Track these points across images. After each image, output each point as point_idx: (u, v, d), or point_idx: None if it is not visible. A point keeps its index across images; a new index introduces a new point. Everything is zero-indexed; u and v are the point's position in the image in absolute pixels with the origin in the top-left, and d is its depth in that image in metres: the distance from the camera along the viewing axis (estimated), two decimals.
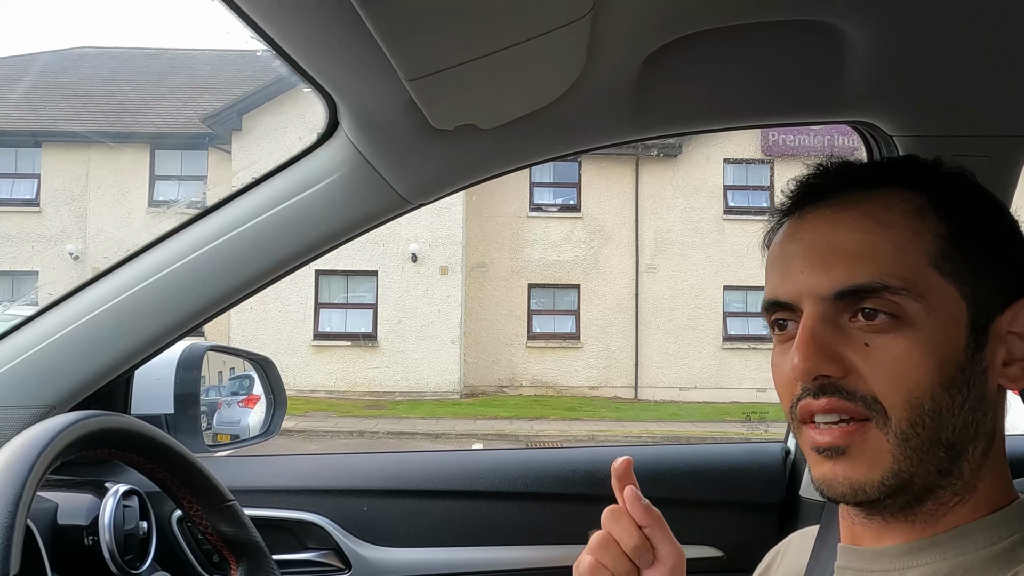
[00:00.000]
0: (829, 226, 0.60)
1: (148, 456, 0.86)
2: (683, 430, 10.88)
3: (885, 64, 0.93)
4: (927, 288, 0.56)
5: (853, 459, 0.57)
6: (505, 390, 13.93)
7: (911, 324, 0.56)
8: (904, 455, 0.56)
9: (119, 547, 0.96)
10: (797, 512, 1.24)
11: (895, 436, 0.56)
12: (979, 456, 0.59)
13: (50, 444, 0.66)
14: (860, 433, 0.57)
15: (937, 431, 0.56)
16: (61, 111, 14.39)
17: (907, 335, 0.56)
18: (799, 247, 0.61)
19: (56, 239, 13.96)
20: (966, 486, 0.59)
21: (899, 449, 0.56)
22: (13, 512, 0.59)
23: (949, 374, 0.56)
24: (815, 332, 0.57)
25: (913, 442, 0.56)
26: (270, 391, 1.53)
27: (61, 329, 1.10)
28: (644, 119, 1.03)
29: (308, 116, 11.60)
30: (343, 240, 1.12)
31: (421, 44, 0.69)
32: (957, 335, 0.57)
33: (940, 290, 0.57)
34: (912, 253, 0.57)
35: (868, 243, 0.57)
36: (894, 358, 0.56)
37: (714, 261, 14.13)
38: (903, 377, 0.56)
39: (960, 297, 0.57)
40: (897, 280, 0.56)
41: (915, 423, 0.56)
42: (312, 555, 1.22)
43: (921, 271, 0.57)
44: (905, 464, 0.56)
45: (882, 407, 0.56)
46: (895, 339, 0.56)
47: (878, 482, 0.57)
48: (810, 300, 0.59)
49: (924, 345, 0.56)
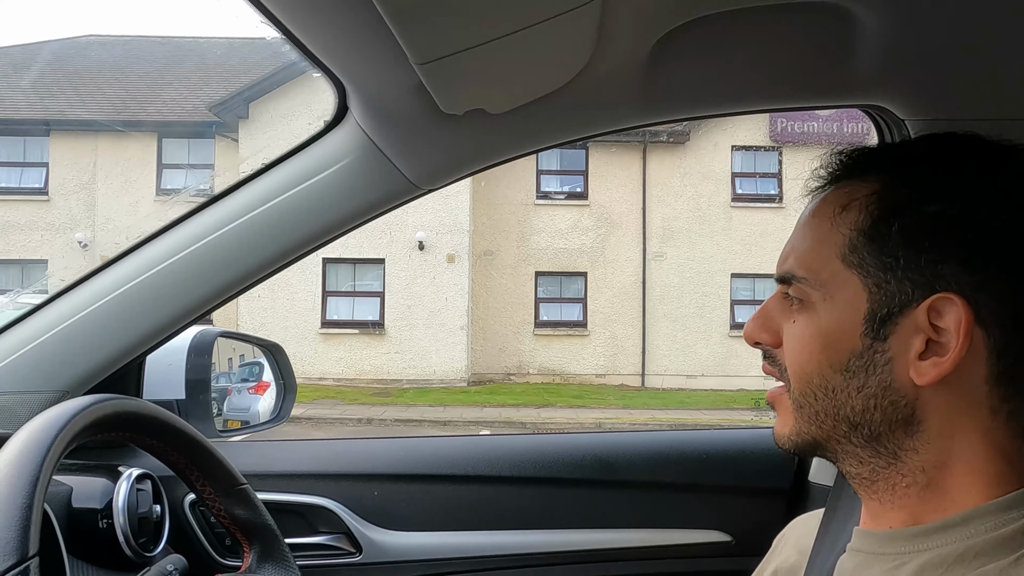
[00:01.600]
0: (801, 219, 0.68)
1: (162, 440, 0.86)
2: (690, 417, 10.89)
3: (896, 47, 0.92)
4: (830, 278, 0.62)
5: (779, 416, 0.68)
6: (512, 378, 13.96)
7: (812, 309, 0.63)
8: (802, 418, 0.64)
9: (133, 530, 0.97)
10: (806, 497, 1.25)
11: (793, 402, 0.65)
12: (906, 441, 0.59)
13: (66, 426, 0.67)
14: (780, 395, 0.67)
15: (833, 406, 0.62)
16: (69, 100, 14.40)
17: (807, 318, 0.63)
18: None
19: (65, 227, 14.02)
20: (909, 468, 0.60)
21: (797, 413, 0.65)
22: (31, 493, 0.59)
23: (839, 358, 0.61)
24: (765, 306, 0.68)
25: (806, 410, 0.64)
26: (280, 377, 1.54)
27: (73, 315, 1.10)
28: (654, 103, 1.02)
29: (315, 104, 11.60)
30: (352, 226, 1.13)
31: (431, 27, 0.69)
32: (852, 322, 0.60)
33: (842, 280, 0.61)
34: (825, 245, 0.63)
35: (800, 236, 0.66)
36: (795, 336, 0.64)
37: (722, 249, 14.09)
38: (796, 353, 0.64)
39: (862, 288, 0.60)
40: (804, 271, 0.63)
41: (805, 393, 0.63)
42: (323, 539, 1.23)
43: (827, 262, 0.62)
44: (805, 427, 0.64)
45: (787, 376, 0.65)
46: (801, 320, 0.64)
47: (787, 436, 0.66)
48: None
49: (816, 328, 0.62)
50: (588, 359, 14.14)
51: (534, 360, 14.14)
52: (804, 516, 0.80)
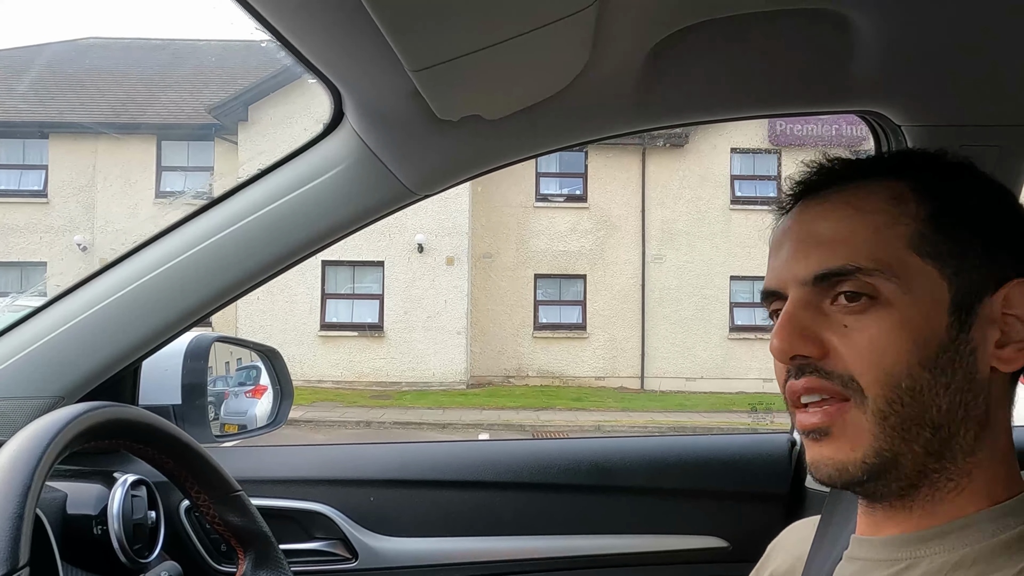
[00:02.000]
0: (812, 216, 0.62)
1: (156, 447, 0.86)
2: (689, 420, 10.87)
3: (893, 53, 0.92)
4: (903, 269, 0.57)
5: (836, 439, 0.58)
6: (511, 380, 13.95)
7: (887, 304, 0.57)
8: (884, 433, 0.57)
9: (128, 537, 0.97)
10: (803, 502, 1.25)
11: (873, 415, 0.57)
12: (971, 440, 0.58)
13: (59, 434, 0.67)
14: (840, 413, 0.58)
15: (920, 411, 0.57)
16: (68, 102, 14.40)
17: (883, 315, 0.57)
18: (787, 238, 0.63)
19: (64, 230, 14.01)
20: (960, 471, 0.59)
21: (878, 427, 0.57)
22: (22, 503, 0.59)
23: (928, 353, 0.57)
24: (794, 314, 0.60)
25: (892, 420, 0.57)
26: (277, 382, 1.53)
27: (69, 320, 1.10)
28: (651, 109, 1.02)
29: (314, 107, 11.60)
30: (348, 231, 1.12)
31: (426, 34, 0.69)
32: (937, 315, 0.57)
33: (918, 271, 0.58)
34: (888, 236, 0.58)
35: (845, 228, 0.59)
36: (869, 337, 0.57)
37: (721, 251, 14.09)
38: (878, 355, 0.57)
39: (941, 278, 0.58)
40: (871, 262, 0.57)
41: (892, 401, 0.56)
42: (319, 545, 1.23)
43: (897, 252, 0.58)
44: (886, 443, 0.57)
45: (859, 386, 0.57)
46: (871, 319, 0.57)
47: (860, 461, 0.57)
48: (793, 286, 0.61)
49: (900, 324, 0.57)
50: (587, 361, 14.13)
51: (533, 362, 14.13)
52: (798, 523, 0.80)
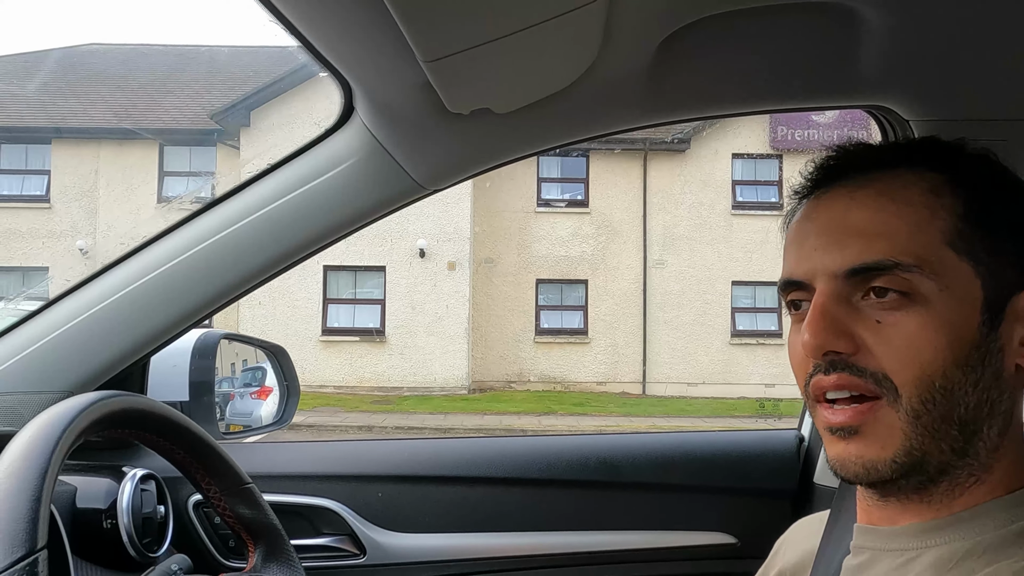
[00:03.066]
0: (844, 205, 0.60)
1: (168, 437, 0.86)
2: (691, 425, 10.86)
3: (901, 47, 0.92)
4: (941, 266, 0.56)
5: (866, 438, 0.57)
6: (513, 385, 13.94)
7: (923, 301, 0.56)
8: (916, 433, 0.56)
9: (137, 530, 0.97)
10: (811, 499, 1.24)
11: (906, 414, 0.56)
12: (995, 436, 0.58)
13: (74, 421, 0.67)
14: (872, 412, 0.57)
15: (950, 408, 0.56)
16: (71, 108, 14.44)
17: (919, 312, 0.56)
18: (814, 226, 0.61)
19: (66, 235, 14.03)
20: (982, 466, 0.59)
21: (911, 427, 0.56)
22: (40, 485, 0.59)
23: (962, 352, 0.56)
24: (826, 308, 0.58)
25: (924, 419, 0.56)
26: (283, 379, 1.54)
27: (78, 316, 1.10)
28: (659, 104, 1.02)
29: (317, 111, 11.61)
30: (358, 226, 1.12)
31: (439, 24, 0.69)
32: (971, 313, 0.57)
33: (954, 268, 0.57)
34: (927, 231, 0.57)
35: (882, 221, 0.58)
36: (906, 335, 0.56)
37: (722, 256, 14.09)
38: (914, 353, 0.56)
39: (975, 276, 0.57)
40: (910, 257, 0.56)
41: (926, 400, 0.56)
42: (327, 540, 1.23)
43: (935, 249, 0.57)
44: (917, 442, 0.56)
45: (892, 384, 0.56)
46: (907, 316, 0.56)
47: (890, 460, 0.57)
48: (823, 278, 0.59)
49: (936, 322, 0.56)
50: (589, 367, 14.12)
51: (535, 368, 14.12)
52: (806, 519, 0.80)
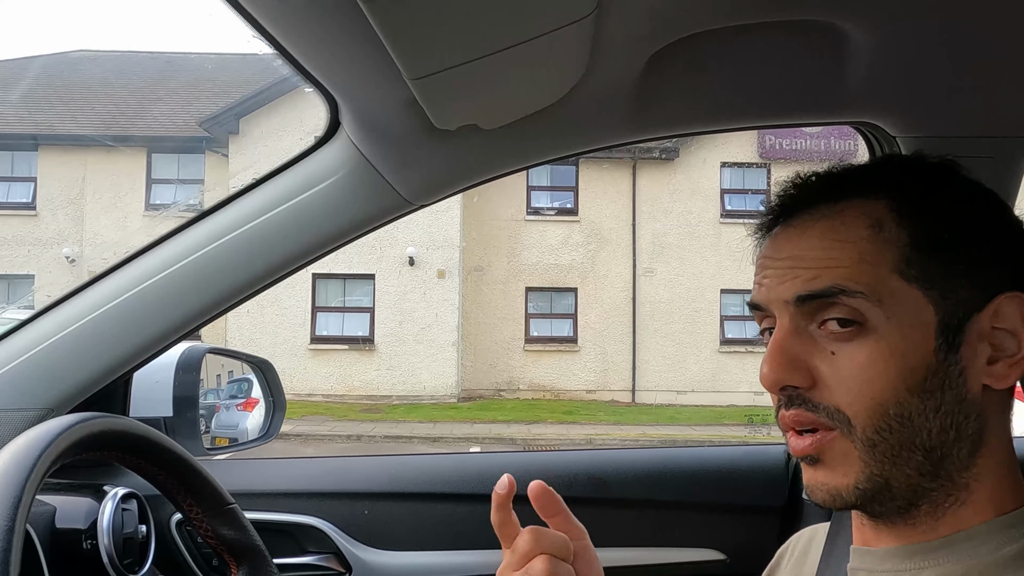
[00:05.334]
0: (794, 243, 0.62)
1: (148, 459, 0.85)
2: (681, 433, 10.87)
3: (888, 65, 0.93)
4: (887, 293, 0.57)
5: (828, 466, 0.58)
6: (502, 393, 13.91)
7: (872, 330, 0.56)
8: (874, 460, 0.57)
9: (118, 551, 0.95)
10: (800, 515, 1.24)
11: (861, 443, 0.57)
12: (965, 456, 0.58)
13: (50, 446, 0.65)
14: (829, 442, 0.58)
15: (910, 435, 0.56)
16: (58, 114, 14.36)
17: (869, 342, 0.56)
18: (770, 261, 0.63)
19: (52, 242, 13.93)
20: (957, 486, 0.58)
21: (868, 455, 0.57)
22: (13, 516, 0.58)
23: (915, 378, 0.56)
24: (783, 343, 0.59)
25: (881, 447, 0.57)
26: (269, 394, 1.52)
27: (59, 331, 1.09)
28: (647, 120, 1.02)
29: (306, 119, 11.61)
30: (344, 241, 1.12)
31: (425, 43, 0.68)
32: (924, 338, 0.57)
33: (902, 295, 0.57)
34: (872, 261, 0.58)
35: (828, 256, 0.59)
36: (856, 366, 0.57)
37: (711, 265, 14.13)
38: (865, 384, 0.56)
39: (927, 300, 0.57)
40: (856, 284, 0.57)
41: (880, 428, 0.56)
42: (312, 559, 1.21)
43: (882, 277, 0.57)
44: (877, 469, 0.57)
45: (845, 416, 0.57)
46: (858, 347, 0.57)
47: (852, 487, 0.58)
48: (777, 305, 0.61)
49: (886, 351, 0.56)
50: (578, 375, 14.12)
51: (524, 376, 14.10)
52: (808, 530, 0.79)
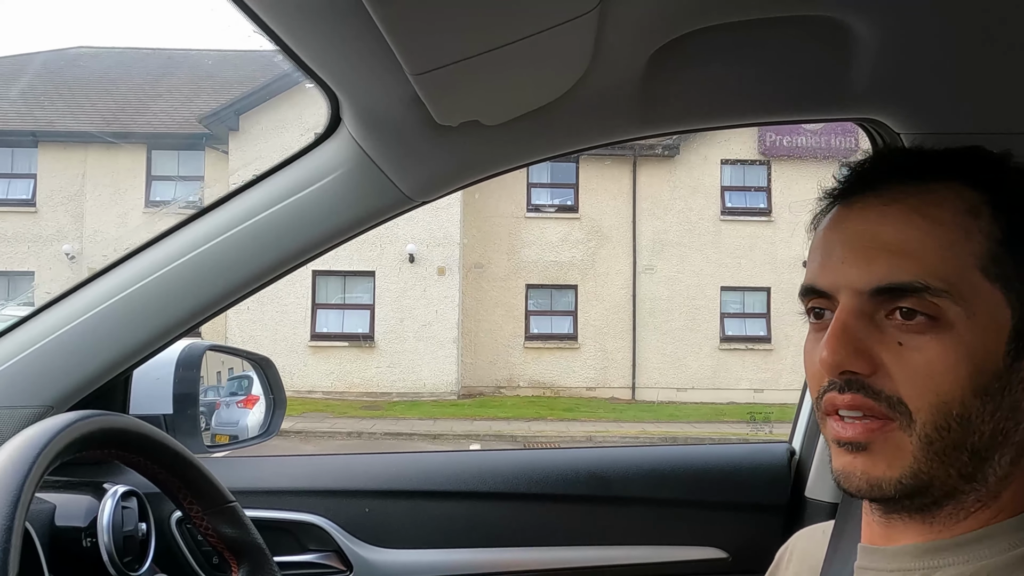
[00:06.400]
0: (875, 218, 0.58)
1: (148, 456, 0.84)
2: (680, 430, 10.87)
3: (892, 60, 0.92)
4: (971, 292, 0.54)
5: (873, 455, 0.56)
6: (502, 391, 13.92)
7: (949, 327, 0.54)
8: (926, 457, 0.55)
9: (118, 549, 0.95)
10: (803, 513, 1.24)
11: (919, 439, 0.55)
12: (1007, 465, 0.57)
13: (49, 444, 0.65)
14: (882, 431, 0.56)
15: (963, 436, 0.55)
16: (58, 111, 14.35)
17: (943, 338, 0.54)
18: (843, 236, 0.59)
19: (52, 239, 13.93)
20: (990, 493, 0.57)
21: (922, 451, 0.55)
22: (12, 514, 0.57)
23: (983, 381, 0.54)
24: (847, 326, 0.56)
25: (937, 445, 0.55)
26: (270, 391, 1.51)
27: (59, 328, 1.08)
28: (649, 116, 1.02)
29: (306, 116, 11.59)
30: (345, 238, 1.11)
31: (427, 38, 0.68)
32: (997, 341, 0.55)
33: (985, 295, 0.55)
34: (960, 254, 0.55)
35: (914, 239, 0.55)
36: (926, 361, 0.54)
37: (711, 262, 14.14)
38: (934, 381, 0.54)
39: (1006, 303, 0.55)
40: (940, 281, 0.54)
41: (941, 427, 0.54)
42: (313, 557, 1.21)
43: (967, 273, 0.55)
44: (926, 466, 0.55)
45: (907, 408, 0.55)
46: (930, 341, 0.54)
47: (896, 480, 0.56)
48: (847, 292, 0.57)
49: (960, 350, 0.54)
50: (578, 372, 14.12)
51: (524, 373, 14.11)
52: (808, 529, 0.79)
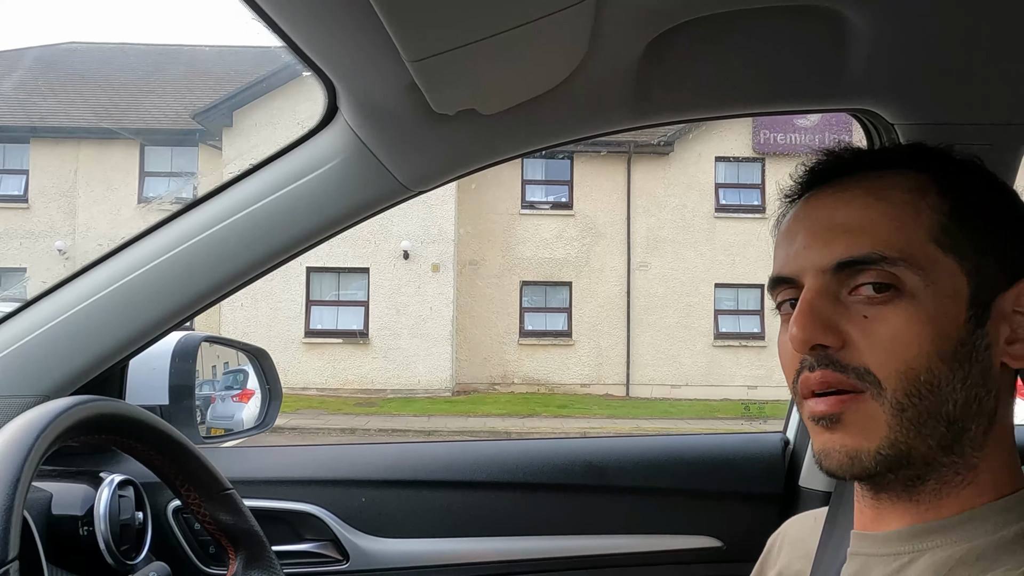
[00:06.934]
0: (831, 204, 0.61)
1: (145, 443, 0.84)
2: (675, 427, 10.90)
3: (887, 51, 0.93)
4: (927, 261, 0.57)
5: (848, 427, 0.57)
6: (497, 387, 13.93)
7: (909, 296, 0.57)
8: (900, 425, 0.56)
9: (114, 537, 0.95)
10: (797, 502, 1.24)
11: (890, 406, 0.56)
12: (981, 434, 0.58)
13: (48, 427, 0.65)
14: (854, 402, 0.57)
15: (937, 404, 0.56)
16: (50, 106, 14.28)
17: (905, 307, 0.57)
18: (802, 225, 0.62)
19: (44, 235, 13.87)
20: (967, 464, 0.59)
21: (895, 419, 0.56)
22: (12, 494, 0.58)
23: (948, 347, 0.56)
24: (813, 303, 0.58)
25: (909, 412, 0.56)
26: (265, 383, 1.52)
27: (55, 317, 1.08)
28: (646, 106, 1.02)
29: (300, 112, 11.55)
30: (341, 228, 1.11)
31: (426, 23, 0.68)
32: (957, 309, 0.57)
33: (940, 263, 0.57)
34: (911, 227, 0.58)
35: (867, 218, 0.59)
36: (891, 329, 0.56)
37: (705, 259, 14.16)
38: (899, 348, 0.56)
39: (961, 272, 0.58)
40: (895, 251, 0.57)
41: (910, 393, 0.56)
42: (310, 546, 1.21)
43: (920, 244, 0.58)
44: (902, 435, 0.57)
45: (875, 378, 0.56)
46: (893, 310, 0.57)
47: (874, 451, 0.57)
48: (811, 273, 0.60)
49: (922, 316, 0.56)
50: (573, 369, 14.14)
51: (519, 370, 14.11)
52: (799, 517, 0.79)
